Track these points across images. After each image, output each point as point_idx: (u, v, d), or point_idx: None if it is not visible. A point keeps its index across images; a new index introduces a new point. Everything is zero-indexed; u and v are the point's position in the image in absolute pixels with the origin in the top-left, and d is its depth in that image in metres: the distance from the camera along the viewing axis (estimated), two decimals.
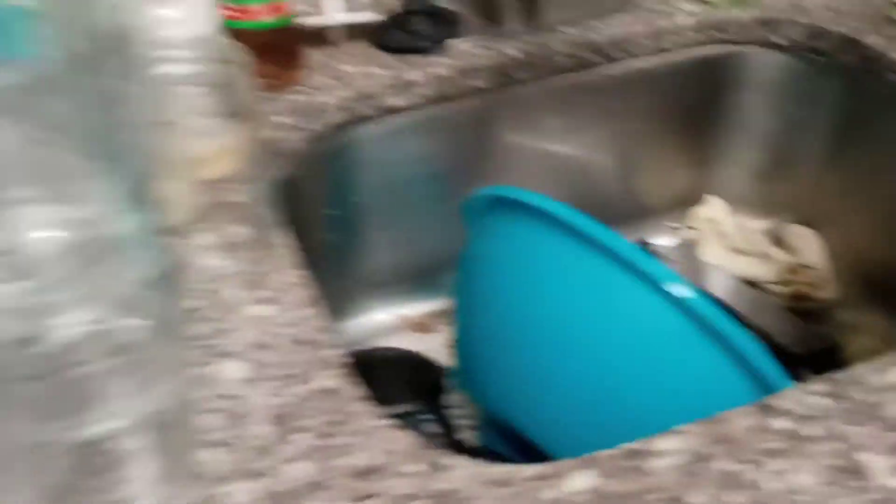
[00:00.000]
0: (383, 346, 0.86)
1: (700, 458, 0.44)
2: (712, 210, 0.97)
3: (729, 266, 0.92)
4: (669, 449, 0.44)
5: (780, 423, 0.45)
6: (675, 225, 0.93)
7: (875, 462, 0.43)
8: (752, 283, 0.91)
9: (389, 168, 0.80)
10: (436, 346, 0.85)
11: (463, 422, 0.78)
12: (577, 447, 0.60)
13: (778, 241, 0.95)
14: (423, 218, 0.85)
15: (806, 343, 0.84)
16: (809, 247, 0.92)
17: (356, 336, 0.87)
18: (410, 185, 0.82)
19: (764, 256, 0.91)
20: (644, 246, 0.96)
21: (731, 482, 0.43)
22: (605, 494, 0.42)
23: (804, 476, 0.43)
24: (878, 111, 0.82)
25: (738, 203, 0.96)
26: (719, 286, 0.91)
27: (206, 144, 0.55)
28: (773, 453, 0.44)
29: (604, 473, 0.43)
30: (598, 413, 0.58)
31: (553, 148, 0.88)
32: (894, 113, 0.80)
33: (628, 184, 0.95)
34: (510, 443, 0.65)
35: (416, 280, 0.88)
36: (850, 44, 0.81)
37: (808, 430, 0.45)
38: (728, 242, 0.94)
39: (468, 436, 0.77)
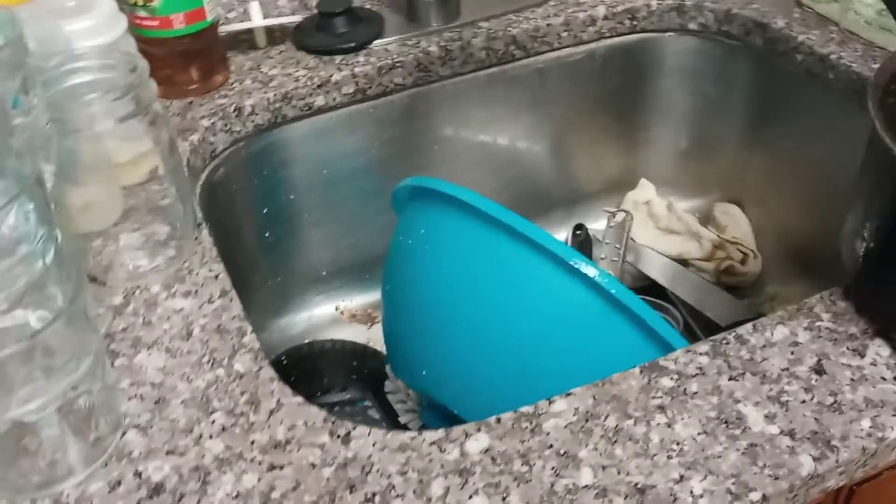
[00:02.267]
0: (325, 339, 0.89)
1: (591, 417, 0.47)
2: (644, 193, 1.00)
3: (660, 246, 0.96)
4: (561, 409, 0.47)
5: (665, 382, 0.49)
6: (609, 209, 0.96)
7: (752, 412, 0.47)
8: (683, 261, 0.94)
9: (320, 165, 0.82)
10: (377, 336, 0.87)
11: (404, 406, 0.81)
12: None
13: (707, 219, 0.99)
14: (359, 212, 0.87)
15: (732, 315, 0.88)
16: (736, 223, 0.96)
17: (298, 331, 0.89)
18: (342, 181, 0.84)
19: (693, 235, 0.94)
20: (581, 230, 0.99)
21: (620, 436, 0.46)
22: (498, 454, 0.45)
23: (688, 428, 0.46)
24: (789, 90, 0.85)
25: (668, 185, 1.00)
26: (651, 266, 0.94)
27: (126, 150, 0.58)
28: (659, 409, 0.47)
29: (497, 435, 0.46)
30: (519, 387, 0.61)
31: (484, 139, 0.91)
32: (803, 93, 0.83)
33: (562, 171, 0.98)
34: (451, 424, 0.68)
35: (355, 273, 0.90)
36: (759, 27, 0.85)
37: (692, 386, 0.48)
38: (659, 223, 0.97)
39: (410, 419, 0.80)
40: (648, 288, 0.92)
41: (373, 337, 0.89)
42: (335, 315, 0.91)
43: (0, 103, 0.34)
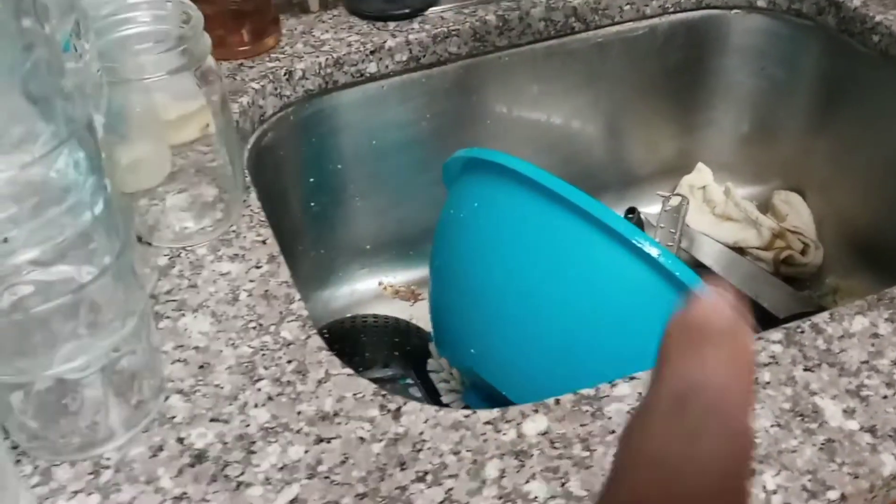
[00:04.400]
0: (368, 314, 0.87)
1: None
2: (700, 178, 0.97)
3: (716, 233, 0.92)
4: (624, 394, 0.45)
5: None
6: (663, 193, 0.93)
7: (829, 405, 0.44)
8: (739, 249, 0.91)
9: (369, 135, 0.80)
10: (420, 314, 0.85)
11: (447, 385, 0.79)
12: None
13: (766, 207, 0.95)
14: (406, 185, 0.85)
15: (790, 307, 0.84)
16: (797, 212, 0.92)
17: (340, 305, 0.87)
18: (391, 152, 0.82)
19: (751, 222, 0.91)
20: (633, 213, 0.96)
21: None
22: (557, 437, 0.42)
23: (761, 419, 0.43)
24: (861, 74, 0.81)
25: (727, 170, 0.96)
26: (706, 252, 0.91)
27: (176, 107, 0.56)
28: None
29: (555, 417, 0.43)
30: (570, 369, 0.59)
31: (537, 115, 0.88)
32: (876, 75, 0.79)
33: (616, 152, 0.95)
34: (494, 405, 0.66)
35: (400, 248, 0.88)
36: (832, 5, 0.81)
37: (764, 375, 0.45)
38: (716, 209, 0.94)
39: (452, 399, 0.78)
40: (702, 276, 0.89)
41: (416, 314, 0.87)
42: (378, 290, 0.89)
43: (51, 41, 0.32)
